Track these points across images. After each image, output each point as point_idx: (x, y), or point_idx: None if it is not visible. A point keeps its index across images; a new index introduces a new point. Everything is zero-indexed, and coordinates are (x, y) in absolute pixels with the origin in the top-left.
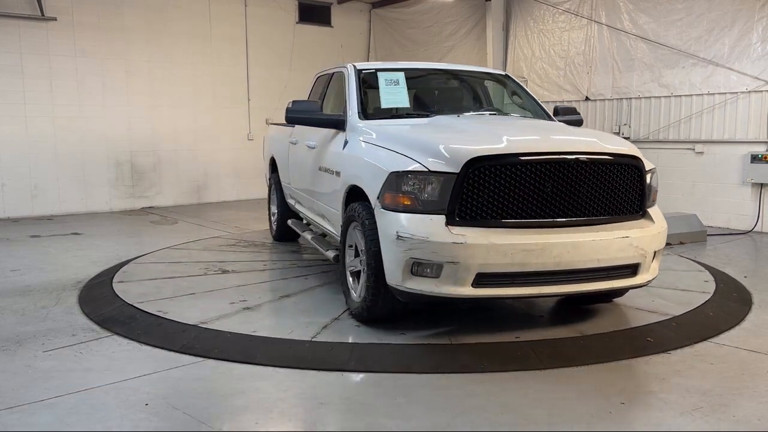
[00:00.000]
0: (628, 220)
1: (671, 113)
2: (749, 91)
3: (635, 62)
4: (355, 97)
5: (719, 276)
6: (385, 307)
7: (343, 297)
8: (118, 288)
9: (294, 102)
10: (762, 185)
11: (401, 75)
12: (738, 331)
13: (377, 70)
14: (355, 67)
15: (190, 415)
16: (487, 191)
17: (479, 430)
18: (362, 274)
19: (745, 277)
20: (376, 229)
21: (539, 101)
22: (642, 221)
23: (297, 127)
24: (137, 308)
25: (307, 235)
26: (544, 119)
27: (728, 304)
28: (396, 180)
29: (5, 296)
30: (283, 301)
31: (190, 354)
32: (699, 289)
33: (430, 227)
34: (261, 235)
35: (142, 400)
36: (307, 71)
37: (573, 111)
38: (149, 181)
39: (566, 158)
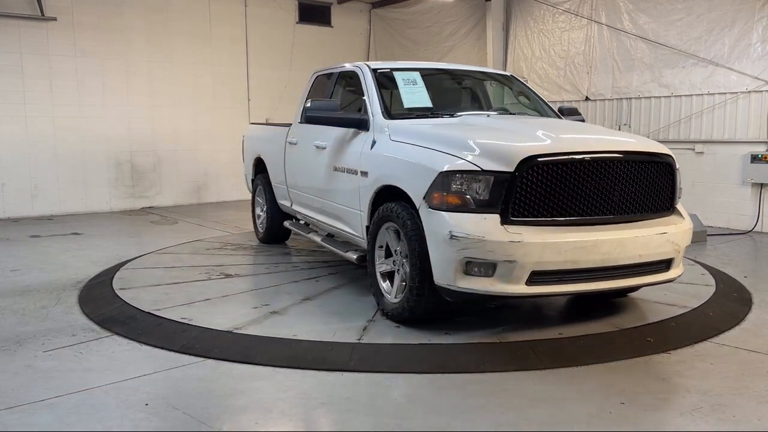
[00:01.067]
0: (661, 217)
1: (671, 113)
2: (749, 91)
3: (635, 62)
4: (377, 96)
5: (719, 276)
6: (428, 308)
7: (366, 298)
8: (127, 295)
9: (313, 101)
10: (762, 185)
11: (417, 74)
12: (738, 331)
13: (392, 69)
14: (369, 66)
15: (190, 415)
16: (539, 190)
17: (479, 430)
18: (397, 274)
19: (745, 277)
20: (419, 229)
21: (548, 102)
22: (673, 217)
23: (296, 126)
24: (155, 314)
25: (316, 238)
26: (558, 119)
27: (728, 304)
28: (445, 179)
29: (5, 296)
30: (307, 305)
31: (190, 354)
32: (699, 290)
33: (486, 226)
34: (245, 237)
35: (142, 400)
36: (307, 71)
37: (576, 112)
38: (149, 181)
39: (614, 157)
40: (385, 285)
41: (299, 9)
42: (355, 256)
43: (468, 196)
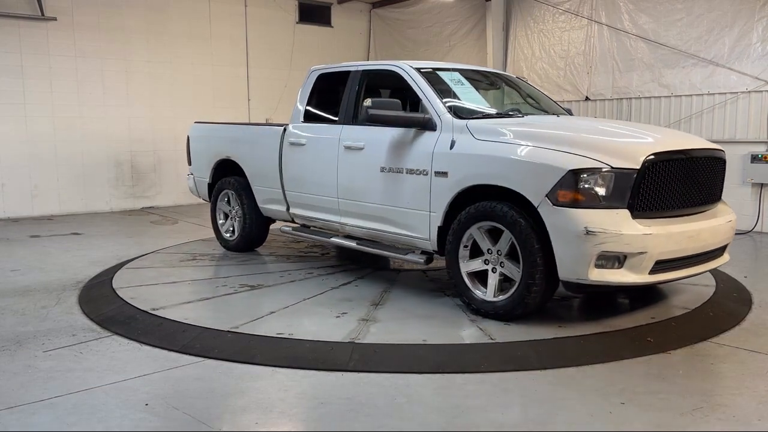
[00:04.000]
0: (716, 206)
1: (671, 113)
2: (749, 91)
3: (635, 62)
4: (436, 96)
5: (719, 276)
6: (542, 302)
7: (434, 298)
8: (127, 295)
9: (374, 100)
10: (762, 185)
11: (458, 74)
12: (738, 331)
13: (434, 69)
14: (412, 66)
15: (190, 415)
16: (654, 185)
17: (479, 430)
18: (492, 273)
19: (745, 277)
20: (534, 227)
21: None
22: (724, 207)
23: (298, 126)
24: (155, 314)
25: (350, 243)
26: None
27: (728, 304)
28: (574, 177)
29: (5, 296)
30: (382, 311)
31: (190, 354)
32: (699, 290)
33: (620, 221)
34: (207, 246)
35: (142, 400)
36: (307, 71)
37: (571, 112)
38: (149, 181)
39: (704, 154)
40: (473, 284)
41: (299, 9)
42: (421, 259)
43: (596, 193)
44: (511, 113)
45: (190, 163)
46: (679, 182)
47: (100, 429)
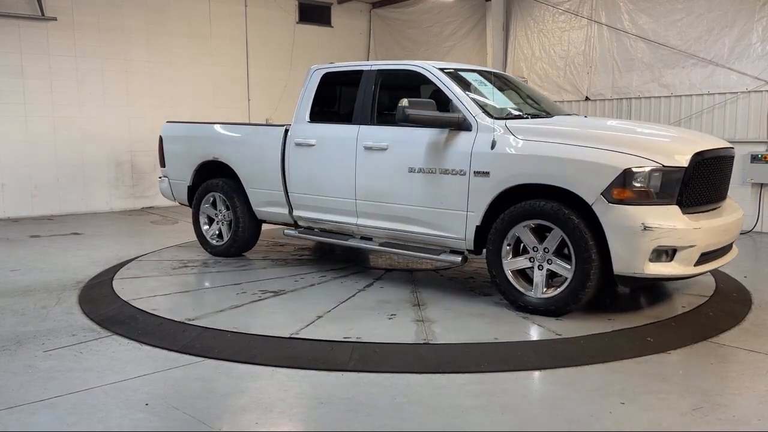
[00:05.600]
0: (726, 202)
1: (671, 113)
2: (749, 91)
3: (635, 62)
4: (468, 97)
5: (719, 276)
6: (593, 297)
7: (470, 297)
8: (127, 295)
9: (412, 100)
10: (762, 185)
11: (477, 75)
12: (738, 331)
13: (456, 70)
14: (436, 66)
15: (190, 415)
16: (696, 181)
17: (479, 430)
18: (537, 270)
19: (745, 277)
20: (583, 223)
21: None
22: (732, 202)
23: (305, 126)
24: (155, 314)
25: (372, 245)
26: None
27: (728, 304)
28: (629, 176)
29: (5, 296)
30: (429, 311)
31: (190, 354)
32: (699, 289)
33: (673, 217)
34: (193, 252)
35: (142, 400)
36: (307, 70)
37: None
38: (149, 181)
39: (729, 153)
40: (517, 281)
41: (299, 9)
42: (458, 259)
43: (649, 190)
44: (537, 114)
45: (163, 165)
46: (710, 179)
47: (100, 429)
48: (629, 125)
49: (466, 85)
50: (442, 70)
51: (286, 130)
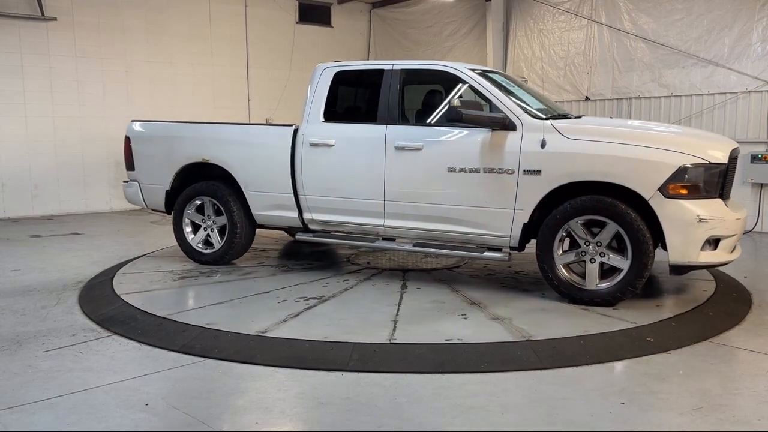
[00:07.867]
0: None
1: (671, 113)
2: (749, 91)
3: (635, 62)
4: (506, 97)
5: (719, 276)
6: (641, 286)
7: (519, 293)
8: (127, 296)
9: (462, 101)
10: (762, 185)
11: (500, 76)
12: (738, 331)
13: (484, 71)
14: (467, 67)
15: (190, 415)
16: (729, 177)
17: (479, 430)
18: (590, 263)
19: (745, 277)
20: (638, 217)
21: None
22: (734, 200)
23: (321, 126)
24: (156, 314)
25: (405, 246)
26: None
27: (728, 304)
28: (682, 172)
29: (5, 296)
30: (496, 309)
31: (190, 354)
32: (699, 289)
33: (721, 209)
34: (179, 260)
35: (142, 400)
36: (307, 71)
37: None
38: None
39: (738, 151)
40: (570, 275)
41: (299, 9)
42: (506, 257)
43: (699, 185)
44: (567, 115)
45: (130, 168)
46: (732, 175)
47: (100, 429)
48: (654, 125)
49: (498, 86)
50: (473, 70)
51: (296, 130)
